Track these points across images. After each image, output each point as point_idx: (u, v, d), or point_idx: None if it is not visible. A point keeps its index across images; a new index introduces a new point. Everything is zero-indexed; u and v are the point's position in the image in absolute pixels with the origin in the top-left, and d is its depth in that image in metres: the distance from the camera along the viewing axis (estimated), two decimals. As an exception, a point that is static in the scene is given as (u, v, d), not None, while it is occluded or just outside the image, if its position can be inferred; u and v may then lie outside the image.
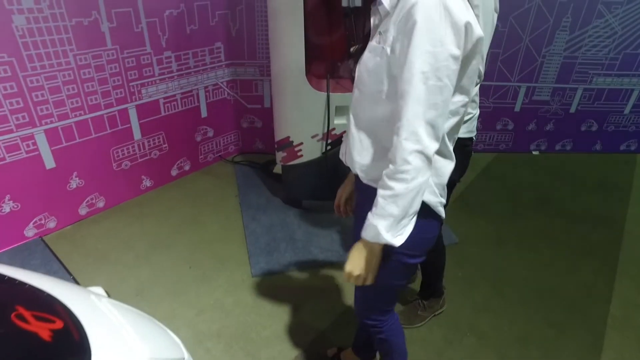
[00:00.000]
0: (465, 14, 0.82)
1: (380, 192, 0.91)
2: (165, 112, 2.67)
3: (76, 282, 2.05)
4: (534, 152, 3.64)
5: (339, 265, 2.23)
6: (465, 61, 0.87)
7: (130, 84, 2.41)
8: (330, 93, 2.12)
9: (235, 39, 2.77)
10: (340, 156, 1.22)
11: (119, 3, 2.20)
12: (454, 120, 0.96)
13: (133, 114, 2.49)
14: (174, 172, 2.93)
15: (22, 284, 0.90)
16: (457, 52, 0.82)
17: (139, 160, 2.66)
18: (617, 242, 2.55)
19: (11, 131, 2.05)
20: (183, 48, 2.57)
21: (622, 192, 3.14)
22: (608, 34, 3.11)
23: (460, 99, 0.93)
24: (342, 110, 2.20)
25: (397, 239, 0.93)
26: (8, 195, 2.16)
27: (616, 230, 2.66)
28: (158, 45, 2.44)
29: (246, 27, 2.75)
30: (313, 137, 2.29)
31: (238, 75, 2.97)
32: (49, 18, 1.99)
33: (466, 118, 1.38)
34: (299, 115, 2.23)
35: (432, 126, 0.85)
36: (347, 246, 2.26)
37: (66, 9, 2.02)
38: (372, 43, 0.95)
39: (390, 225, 0.91)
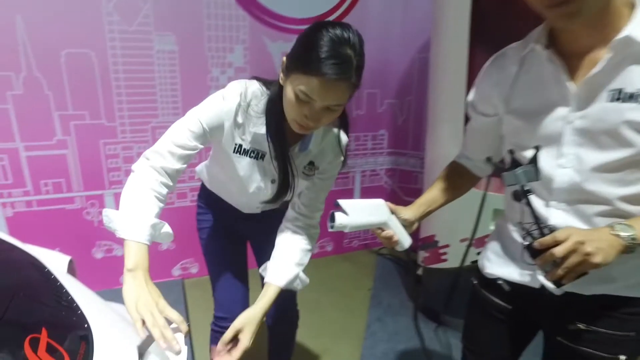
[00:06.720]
0: None
1: None
2: (318, 188, 2.71)
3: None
4: None
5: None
6: None
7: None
8: (489, 192, 1.76)
9: (400, 127, 2.72)
10: None
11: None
12: None
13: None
14: (314, 250, 2.88)
15: (68, 303, 0.87)
16: None
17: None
18: None
19: (183, 181, 2.37)
20: (346, 130, 2.63)
21: None
22: None
23: None
24: (499, 214, 1.79)
25: None
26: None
27: None
28: (323, 125, 2.55)
29: (413, 117, 2.67)
30: (462, 240, 1.92)
31: (398, 164, 2.86)
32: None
33: None
34: (449, 212, 1.90)
35: None
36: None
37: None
38: None
39: None
